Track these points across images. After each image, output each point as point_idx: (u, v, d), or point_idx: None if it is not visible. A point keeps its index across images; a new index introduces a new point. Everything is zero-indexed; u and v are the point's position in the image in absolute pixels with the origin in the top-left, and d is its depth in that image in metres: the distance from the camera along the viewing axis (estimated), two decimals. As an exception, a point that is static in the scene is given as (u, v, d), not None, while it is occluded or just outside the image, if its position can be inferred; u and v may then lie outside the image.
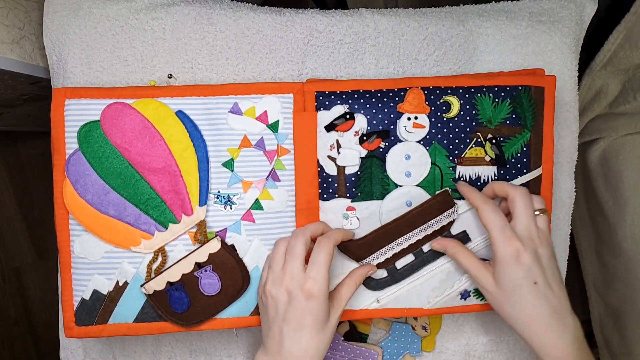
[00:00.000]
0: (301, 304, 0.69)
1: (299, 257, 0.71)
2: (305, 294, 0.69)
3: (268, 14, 0.82)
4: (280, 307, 0.70)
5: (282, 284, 0.70)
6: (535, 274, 0.70)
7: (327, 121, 0.77)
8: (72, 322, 0.77)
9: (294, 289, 0.69)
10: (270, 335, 0.71)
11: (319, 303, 0.70)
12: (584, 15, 0.86)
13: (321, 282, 0.70)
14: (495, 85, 0.78)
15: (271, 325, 0.71)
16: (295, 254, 0.71)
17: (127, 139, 0.74)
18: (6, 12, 0.82)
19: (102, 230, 0.75)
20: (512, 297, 0.71)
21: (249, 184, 0.77)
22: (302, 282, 0.70)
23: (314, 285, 0.69)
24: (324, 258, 0.71)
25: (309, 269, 0.70)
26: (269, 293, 0.71)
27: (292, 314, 0.70)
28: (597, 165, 1.18)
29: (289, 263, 0.71)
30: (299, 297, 0.69)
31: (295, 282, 0.70)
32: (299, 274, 0.70)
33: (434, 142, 0.78)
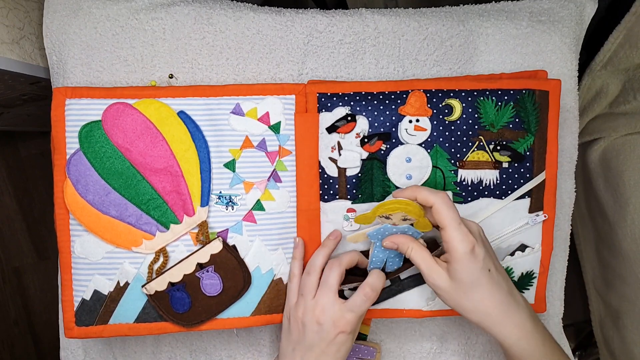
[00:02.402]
0: (329, 337, 0.71)
1: (333, 289, 0.73)
2: (337, 329, 0.71)
3: (268, 14, 0.82)
4: (308, 335, 0.72)
5: (314, 314, 0.72)
6: (488, 262, 0.70)
7: (328, 123, 0.77)
8: (72, 323, 0.77)
9: (326, 322, 0.71)
10: (290, 356, 0.74)
11: (346, 339, 0.72)
12: (584, 15, 0.86)
13: (355, 322, 0.73)
14: (499, 89, 0.77)
15: (294, 347, 0.74)
16: (329, 286, 0.73)
17: (129, 139, 0.74)
18: (6, 12, 0.81)
19: (103, 230, 0.75)
20: (471, 290, 0.70)
21: (251, 184, 0.77)
22: (336, 317, 0.72)
23: (348, 322, 0.72)
24: (366, 304, 0.74)
25: (350, 306, 0.73)
26: (299, 320, 0.73)
27: (317, 344, 0.72)
28: (597, 165, 1.18)
29: (323, 295, 0.73)
30: (329, 331, 0.71)
31: (327, 316, 0.72)
32: (331, 307, 0.72)
33: (435, 145, 0.78)
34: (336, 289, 0.73)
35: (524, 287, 0.83)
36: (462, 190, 0.79)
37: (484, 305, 0.71)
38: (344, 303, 0.73)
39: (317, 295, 0.73)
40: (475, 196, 0.79)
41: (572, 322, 1.55)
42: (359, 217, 0.76)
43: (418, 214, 0.72)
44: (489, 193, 0.79)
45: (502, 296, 0.71)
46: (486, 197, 0.79)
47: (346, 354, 0.74)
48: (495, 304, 0.71)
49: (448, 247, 0.70)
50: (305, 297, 0.74)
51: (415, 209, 0.71)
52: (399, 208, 0.71)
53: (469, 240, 0.69)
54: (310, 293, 0.74)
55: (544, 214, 0.80)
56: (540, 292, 0.84)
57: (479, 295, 0.70)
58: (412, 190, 0.72)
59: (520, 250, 0.81)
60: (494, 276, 0.70)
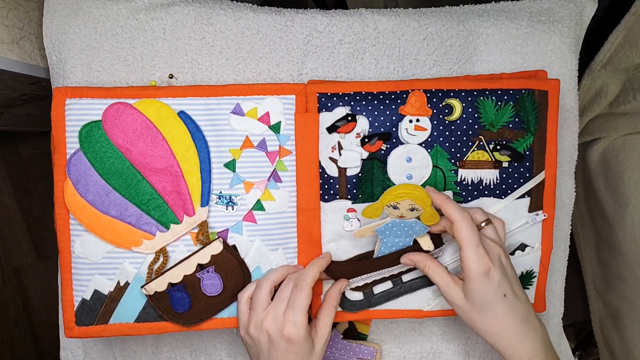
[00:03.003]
0: (282, 346, 0.71)
1: (284, 302, 0.73)
2: (285, 338, 0.71)
3: (268, 14, 0.82)
4: (264, 348, 0.73)
5: (262, 327, 0.72)
6: (504, 287, 0.71)
7: (328, 123, 0.77)
8: (72, 322, 0.77)
9: (273, 333, 0.71)
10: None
11: (299, 345, 0.71)
12: (584, 15, 0.86)
13: (299, 326, 0.71)
14: (498, 89, 0.77)
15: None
16: (282, 298, 0.73)
17: (129, 139, 0.74)
18: (6, 12, 0.82)
19: (103, 230, 0.75)
20: (484, 311, 0.71)
21: (251, 184, 0.77)
22: (282, 327, 0.71)
23: (292, 329, 0.71)
24: (301, 302, 0.72)
25: (287, 313, 0.72)
26: (252, 335, 0.73)
27: (274, 354, 0.72)
28: (597, 165, 1.18)
29: (273, 307, 0.73)
30: (278, 340, 0.71)
31: (275, 327, 0.71)
32: (279, 319, 0.72)
33: (435, 145, 0.77)
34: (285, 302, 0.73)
35: (524, 287, 0.83)
36: (462, 190, 0.79)
37: (496, 328, 0.72)
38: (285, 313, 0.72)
39: (268, 308, 0.73)
40: (475, 196, 0.79)
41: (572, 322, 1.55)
42: (366, 209, 0.76)
43: (425, 203, 0.73)
44: (489, 192, 0.79)
45: (516, 322, 0.71)
46: (486, 197, 0.79)
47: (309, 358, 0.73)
48: (507, 329, 0.71)
49: (464, 266, 0.71)
50: (255, 311, 0.74)
51: (423, 196, 0.73)
52: (407, 194, 0.72)
53: (484, 263, 0.69)
54: (260, 307, 0.74)
55: (543, 213, 0.80)
56: (540, 292, 0.84)
57: (492, 317, 0.71)
58: (441, 199, 0.74)
59: (520, 250, 0.81)
60: (509, 301, 0.71)
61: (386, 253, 0.78)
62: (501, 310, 0.71)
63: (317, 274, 0.76)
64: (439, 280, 0.74)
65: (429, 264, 0.75)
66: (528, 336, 0.72)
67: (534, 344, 0.72)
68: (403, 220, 0.75)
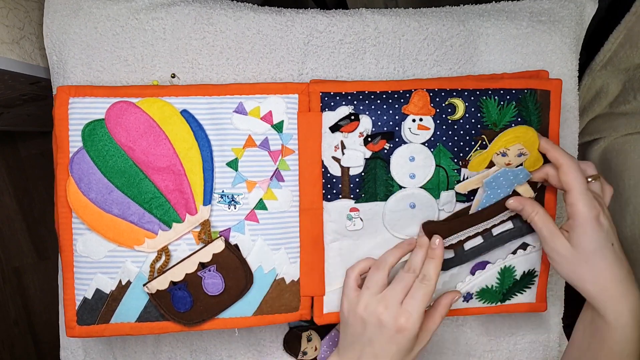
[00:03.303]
0: (390, 334, 0.70)
1: (404, 291, 0.72)
2: (397, 327, 0.70)
3: (268, 14, 0.82)
4: (369, 330, 0.71)
5: (376, 310, 0.71)
6: (611, 236, 0.70)
7: (331, 122, 0.77)
8: (73, 322, 0.77)
9: (387, 319, 0.70)
10: (350, 349, 0.73)
11: (407, 337, 0.70)
12: (584, 15, 0.87)
13: (416, 319, 0.70)
14: (501, 88, 0.77)
15: (354, 341, 0.73)
16: (403, 287, 0.72)
17: (132, 137, 0.74)
18: (6, 12, 0.81)
19: (105, 229, 0.75)
20: (592, 259, 0.69)
21: (253, 183, 0.77)
22: (397, 314, 0.70)
23: (408, 320, 0.70)
24: (423, 296, 0.71)
25: (408, 302, 0.71)
26: (359, 315, 0.72)
27: (378, 340, 0.70)
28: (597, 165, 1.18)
29: (391, 293, 0.72)
30: (390, 327, 0.70)
31: (390, 313, 0.70)
32: (396, 305, 0.70)
33: (438, 144, 0.77)
34: (406, 292, 0.72)
35: (525, 286, 0.83)
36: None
37: (603, 277, 0.70)
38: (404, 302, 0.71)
39: (385, 292, 0.72)
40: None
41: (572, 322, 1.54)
42: (473, 161, 0.77)
43: (534, 146, 0.73)
44: (490, 192, 0.79)
45: (622, 274, 0.69)
46: (488, 196, 0.79)
47: (406, 356, 0.72)
48: (615, 280, 0.69)
49: (573, 210, 0.69)
50: (370, 290, 0.73)
51: (533, 138, 0.73)
52: (518, 138, 0.73)
53: (595, 206, 0.68)
54: (376, 287, 0.73)
55: (545, 213, 0.81)
56: (541, 291, 0.84)
57: (601, 266, 0.69)
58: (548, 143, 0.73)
59: (522, 249, 0.81)
60: (616, 251, 0.70)
61: (486, 206, 0.78)
62: (610, 259, 0.69)
63: (439, 268, 0.75)
64: (544, 228, 0.73)
65: (537, 210, 0.74)
66: (630, 291, 0.69)
67: (635, 302, 0.69)
68: (511, 169, 0.75)
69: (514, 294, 0.83)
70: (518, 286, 0.82)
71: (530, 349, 0.94)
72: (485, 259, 0.81)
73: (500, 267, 0.81)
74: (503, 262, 0.81)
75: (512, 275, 0.82)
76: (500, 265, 0.81)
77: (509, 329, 0.93)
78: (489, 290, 0.82)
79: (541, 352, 0.94)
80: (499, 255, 0.81)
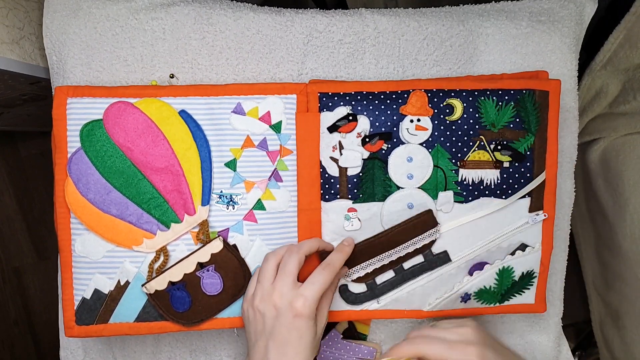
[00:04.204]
0: (288, 321, 0.69)
1: (291, 275, 0.71)
2: (293, 312, 0.69)
3: (268, 14, 0.82)
4: (268, 323, 0.70)
5: (270, 300, 0.71)
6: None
7: (329, 122, 0.77)
8: (72, 322, 0.77)
9: (282, 306, 0.70)
10: (255, 348, 0.71)
11: (306, 321, 0.70)
12: (584, 15, 0.86)
13: (312, 302, 0.70)
14: (499, 89, 0.78)
15: (257, 338, 0.71)
16: (288, 272, 0.72)
17: (130, 138, 0.74)
18: (6, 12, 0.82)
19: (104, 229, 0.75)
20: None
21: (252, 184, 0.77)
22: (292, 299, 0.70)
23: (304, 304, 0.69)
24: (324, 282, 0.72)
25: (305, 287, 0.71)
26: (256, 308, 0.72)
27: (278, 330, 0.70)
28: (597, 165, 1.18)
29: (280, 280, 0.71)
30: (286, 314, 0.69)
31: (284, 300, 0.70)
32: (289, 291, 0.70)
33: (436, 145, 0.78)
34: (295, 275, 0.72)
35: (524, 287, 0.83)
36: (463, 190, 0.79)
37: None
38: (300, 286, 0.71)
39: (275, 281, 0.72)
40: (476, 195, 0.79)
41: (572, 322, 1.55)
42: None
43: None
44: (489, 192, 0.79)
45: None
46: (487, 197, 0.79)
47: (312, 344, 0.71)
48: None
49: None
50: (262, 283, 0.72)
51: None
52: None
53: None
54: (267, 280, 0.72)
55: (544, 213, 0.81)
56: (540, 292, 0.84)
57: None
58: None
59: (521, 250, 0.81)
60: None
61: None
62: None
63: (342, 262, 0.75)
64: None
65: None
66: None
67: None
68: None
69: (512, 295, 0.83)
70: (517, 287, 0.82)
71: (529, 349, 0.93)
72: (484, 260, 0.81)
73: (498, 267, 0.81)
74: (501, 263, 0.81)
75: (510, 276, 0.81)
76: (499, 266, 0.81)
77: (508, 330, 0.93)
78: (487, 291, 0.82)
79: (540, 352, 0.94)
80: (497, 256, 0.81)
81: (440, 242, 0.80)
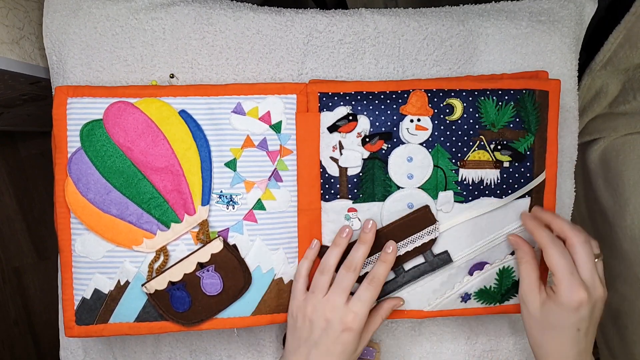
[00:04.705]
0: (336, 334, 0.72)
1: (347, 292, 0.74)
2: (343, 327, 0.72)
3: (268, 14, 0.82)
4: (315, 332, 0.73)
5: (323, 312, 0.73)
6: (582, 323, 0.71)
7: (329, 122, 0.77)
8: (72, 322, 0.77)
9: (334, 320, 0.72)
10: (296, 354, 0.74)
11: (352, 337, 0.73)
12: (584, 15, 0.86)
13: (362, 318, 0.73)
14: (499, 89, 0.78)
15: (300, 344, 0.74)
16: (344, 288, 0.74)
17: (130, 138, 0.74)
18: (6, 12, 0.81)
19: (104, 229, 0.75)
20: (549, 330, 0.72)
21: (252, 184, 0.77)
22: (344, 315, 0.72)
23: (354, 319, 0.72)
24: (371, 298, 0.74)
25: (354, 303, 0.73)
26: (307, 317, 0.74)
27: (324, 342, 0.72)
28: (597, 165, 1.18)
29: (335, 295, 0.74)
30: (336, 327, 0.72)
31: (336, 314, 0.72)
32: (341, 307, 0.73)
33: (436, 145, 0.78)
34: (349, 291, 0.74)
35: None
36: (463, 190, 0.79)
37: (551, 349, 0.73)
38: (349, 301, 0.73)
39: (328, 294, 0.74)
40: (476, 195, 0.79)
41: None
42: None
43: None
44: (489, 192, 0.79)
45: (572, 354, 0.72)
46: (487, 197, 0.79)
47: (349, 356, 0.74)
48: (560, 355, 0.72)
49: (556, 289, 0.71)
50: (316, 294, 0.75)
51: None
52: None
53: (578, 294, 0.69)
54: (322, 292, 0.74)
55: (544, 213, 0.81)
56: (540, 292, 0.84)
57: (554, 340, 0.72)
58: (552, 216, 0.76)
59: (521, 250, 0.81)
60: (579, 335, 0.71)
61: None
62: (566, 339, 0.71)
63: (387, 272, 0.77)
64: (526, 281, 0.75)
65: (529, 260, 0.76)
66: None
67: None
68: None
69: (513, 295, 0.83)
70: (517, 287, 0.82)
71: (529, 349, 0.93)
72: (484, 260, 0.81)
73: (498, 267, 0.81)
74: (501, 263, 0.81)
75: (510, 276, 0.81)
76: (499, 266, 0.81)
77: (508, 329, 0.93)
78: (487, 291, 0.82)
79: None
80: (497, 256, 0.81)
81: (440, 242, 0.80)
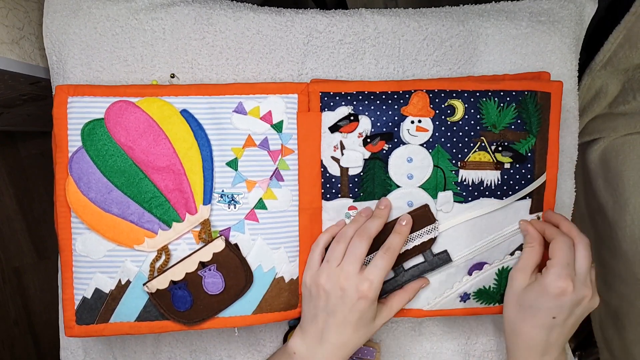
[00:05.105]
0: (352, 302, 0.73)
1: (360, 260, 0.74)
2: (358, 294, 0.72)
3: (268, 14, 0.82)
4: (331, 301, 0.74)
5: (337, 281, 0.73)
6: (560, 313, 0.72)
7: (331, 122, 0.77)
8: (72, 321, 0.76)
9: (349, 288, 0.73)
10: (313, 322, 0.75)
11: (368, 304, 0.73)
12: (584, 15, 0.87)
13: (376, 286, 0.73)
14: (501, 90, 0.78)
15: (317, 313, 0.75)
16: (358, 256, 0.74)
17: (132, 137, 0.74)
18: (6, 12, 0.81)
19: (105, 228, 0.75)
20: (525, 310, 0.74)
21: (253, 183, 0.77)
22: (359, 282, 0.73)
23: (370, 287, 0.73)
24: (386, 266, 0.74)
25: (370, 271, 0.74)
26: (322, 286, 0.74)
27: (340, 309, 0.73)
28: (597, 165, 1.18)
29: (349, 263, 0.74)
30: (352, 295, 0.73)
31: (351, 282, 0.73)
32: (355, 275, 0.73)
33: (437, 146, 0.78)
34: (362, 259, 0.74)
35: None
36: (462, 190, 0.79)
37: (522, 329, 0.76)
38: (365, 270, 0.74)
39: (342, 263, 0.74)
40: (476, 196, 0.79)
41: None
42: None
43: None
44: (489, 193, 0.79)
45: (539, 340, 0.74)
46: (487, 198, 0.79)
47: (369, 326, 0.75)
48: (529, 338, 0.75)
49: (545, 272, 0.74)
50: (330, 263, 0.75)
51: None
52: None
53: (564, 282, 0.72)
54: (336, 260, 0.75)
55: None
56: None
57: (525, 321, 0.75)
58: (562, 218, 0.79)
59: (520, 250, 0.81)
60: (554, 323, 0.73)
61: None
62: (539, 321, 0.73)
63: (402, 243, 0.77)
64: (523, 261, 0.78)
65: (535, 246, 0.78)
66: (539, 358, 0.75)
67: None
68: None
69: (512, 295, 0.83)
70: None
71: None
72: (483, 260, 0.81)
73: (497, 268, 0.81)
74: (500, 263, 0.81)
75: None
76: (498, 266, 0.81)
77: (508, 329, 0.93)
78: (486, 291, 0.82)
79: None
80: (496, 256, 0.81)
81: (440, 242, 0.80)
